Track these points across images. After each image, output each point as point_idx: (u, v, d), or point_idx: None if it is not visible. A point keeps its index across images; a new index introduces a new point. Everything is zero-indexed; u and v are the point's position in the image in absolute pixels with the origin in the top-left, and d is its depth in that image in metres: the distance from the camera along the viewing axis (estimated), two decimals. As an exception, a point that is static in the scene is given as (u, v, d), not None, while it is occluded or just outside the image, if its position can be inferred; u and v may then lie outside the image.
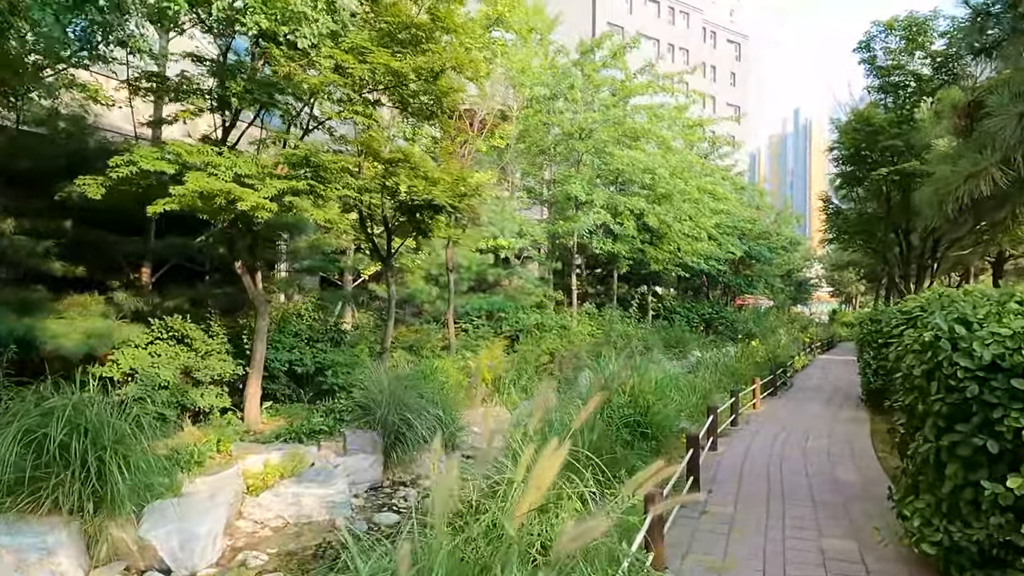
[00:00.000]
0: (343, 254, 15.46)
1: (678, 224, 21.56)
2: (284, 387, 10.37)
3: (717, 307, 28.61)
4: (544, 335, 17.01)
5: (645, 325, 23.49)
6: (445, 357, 13.66)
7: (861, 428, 10.55)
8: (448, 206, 10.03)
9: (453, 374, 12.15)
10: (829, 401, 13.88)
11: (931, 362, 3.97)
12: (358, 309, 16.13)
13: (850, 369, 21.17)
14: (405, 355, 13.55)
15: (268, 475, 7.90)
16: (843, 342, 36.55)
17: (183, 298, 10.82)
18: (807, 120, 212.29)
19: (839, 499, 6.57)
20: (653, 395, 8.49)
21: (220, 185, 7.48)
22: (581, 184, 19.03)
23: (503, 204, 19.42)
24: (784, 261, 37.33)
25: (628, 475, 6.48)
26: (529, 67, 20.77)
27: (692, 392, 10.64)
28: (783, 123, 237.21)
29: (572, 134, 20.64)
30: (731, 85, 75.10)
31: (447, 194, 10.01)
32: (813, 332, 30.42)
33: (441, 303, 16.70)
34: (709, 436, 8.55)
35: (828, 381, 17.81)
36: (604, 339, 19.47)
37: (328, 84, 8.20)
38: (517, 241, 18.82)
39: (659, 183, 21.23)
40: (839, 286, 58.47)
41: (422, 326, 14.75)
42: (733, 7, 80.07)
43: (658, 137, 22.38)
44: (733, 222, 28.34)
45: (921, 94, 11.36)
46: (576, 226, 18.64)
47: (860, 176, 12.58)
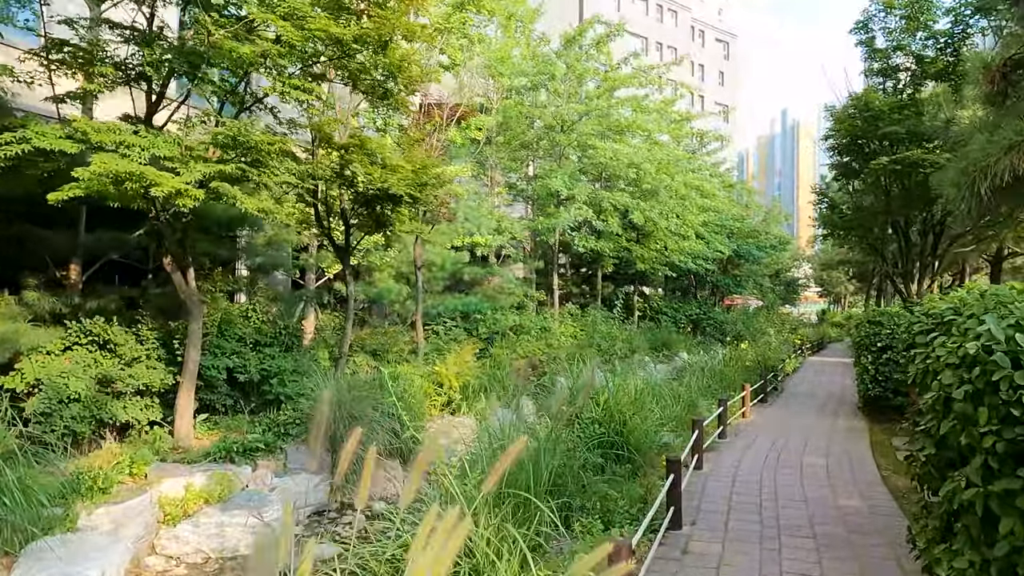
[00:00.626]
0: (305, 251, 14.42)
1: (664, 221, 20.67)
2: (224, 397, 9.33)
3: (705, 307, 27.77)
4: (522, 338, 16.06)
5: (631, 326, 22.59)
6: (412, 362, 12.68)
7: (860, 441, 9.66)
8: (406, 196, 9.04)
9: (418, 381, 11.15)
10: (823, 408, 13.02)
11: (980, 382, 3.05)
12: (323, 310, 15.08)
13: (842, 372, 20.37)
14: (368, 360, 12.55)
15: (189, 502, 6.88)
16: (833, 343, 35.88)
17: (114, 298, 9.77)
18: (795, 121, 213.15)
19: (843, 532, 5.64)
20: (631, 407, 7.54)
21: (130, 167, 6.45)
22: (563, 179, 18.08)
23: (480, 199, 18.44)
24: (773, 260, 36.57)
25: (598, 508, 5.57)
26: (509, 56, 19.83)
27: (676, 402, 9.72)
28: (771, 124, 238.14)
29: (554, 127, 19.69)
30: (719, 84, 74.74)
31: (405, 183, 9.01)
32: (803, 333, 29.66)
33: (412, 304, 15.69)
34: (694, 453, 7.61)
35: (821, 385, 16.99)
36: (587, 341, 18.56)
37: (262, 55, 7.19)
38: (494, 238, 17.83)
39: (644, 178, 20.33)
40: (828, 286, 57.94)
41: (389, 328, 13.73)
42: (722, 6, 79.70)
43: (643, 130, 21.47)
44: (721, 220, 27.52)
45: (924, 77, 10.53)
46: (556, 222, 17.68)
47: (857, 167, 11.70)
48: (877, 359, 10.95)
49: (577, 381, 8.25)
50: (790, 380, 18.12)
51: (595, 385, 8.24)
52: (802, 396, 14.95)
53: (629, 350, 18.94)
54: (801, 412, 12.56)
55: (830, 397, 14.70)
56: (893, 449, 8.97)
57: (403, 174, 9.23)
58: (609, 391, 7.53)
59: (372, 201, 10.08)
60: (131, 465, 6.88)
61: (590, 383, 7.70)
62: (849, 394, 15.36)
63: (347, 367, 12.09)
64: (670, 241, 22.92)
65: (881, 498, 6.69)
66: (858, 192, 12.72)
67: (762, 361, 16.04)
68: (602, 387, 7.71)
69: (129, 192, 6.79)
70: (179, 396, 8.37)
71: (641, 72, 21.84)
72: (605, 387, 7.76)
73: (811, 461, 8.24)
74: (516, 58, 20.50)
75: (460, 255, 16.73)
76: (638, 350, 19.32)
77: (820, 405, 13.51)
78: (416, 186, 9.20)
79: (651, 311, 26.69)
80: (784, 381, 17.16)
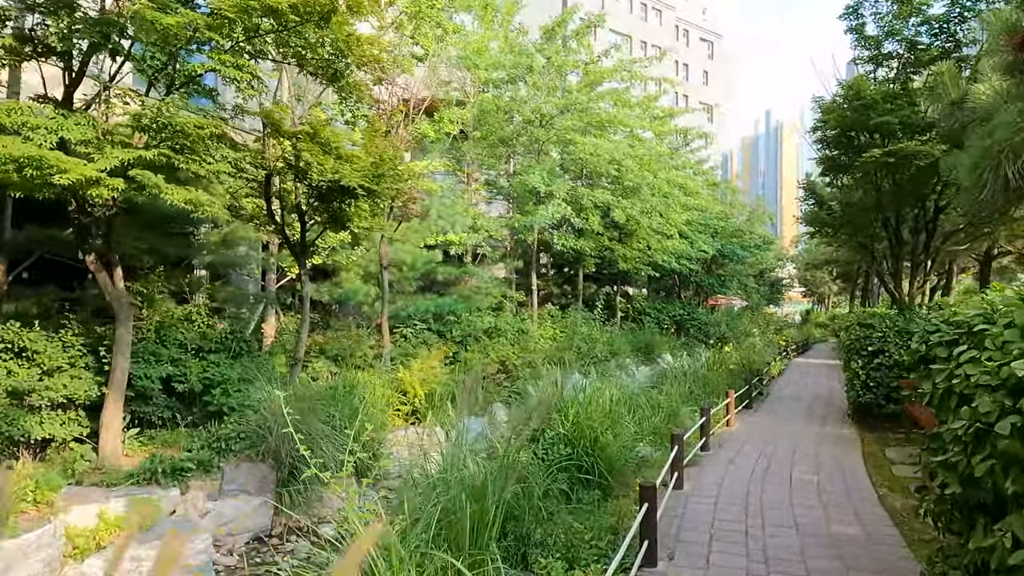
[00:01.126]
0: (265, 248, 13.58)
1: (646, 219, 20.00)
2: (161, 409, 8.49)
3: (689, 308, 27.17)
4: (496, 340, 15.32)
5: (612, 327, 21.90)
6: (378, 367, 11.90)
7: (852, 452, 9.01)
8: (359, 189, 8.25)
9: (380, 389, 10.39)
10: (811, 414, 12.39)
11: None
12: (287, 312, 14.25)
13: (827, 374, 19.83)
14: (329, 366, 11.74)
15: (103, 532, 6.06)
16: (817, 343, 35.48)
17: (42, 300, 8.91)
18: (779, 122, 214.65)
19: (839, 568, 4.95)
20: (604, 421, 6.81)
21: (29, 151, 5.63)
22: (541, 175, 17.35)
23: (455, 196, 17.67)
24: (757, 260, 36.10)
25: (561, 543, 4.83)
26: (486, 49, 19.08)
27: (655, 412, 9.01)
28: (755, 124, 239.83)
29: (532, 121, 18.97)
30: (704, 84, 74.72)
31: (359, 175, 8.24)
32: (788, 334, 29.16)
33: (381, 305, 14.90)
34: (674, 471, 6.91)
35: (807, 389, 16.39)
36: (567, 344, 17.86)
37: (190, 27, 6.38)
38: (469, 236, 17.07)
39: (626, 175, 19.67)
40: (811, 286, 57.70)
41: (353, 331, 12.93)
42: (706, 5, 79.66)
43: (625, 126, 20.80)
44: (705, 219, 26.96)
45: (917, 65, 9.93)
46: (533, 220, 16.95)
47: (846, 161, 11.08)
48: (868, 364, 10.33)
49: (545, 391, 7.51)
50: (776, 383, 17.53)
51: (564, 397, 7.52)
52: (788, 400, 14.34)
53: (610, 352, 18.26)
54: (788, 418, 11.93)
55: (817, 401, 14.10)
56: (888, 463, 8.33)
57: (358, 165, 8.46)
58: (580, 404, 6.79)
59: (328, 195, 9.30)
60: (35, 491, 6.05)
61: (550, 399, 6.95)
62: (837, 398, 14.78)
63: (306, 374, 11.31)
64: (653, 240, 22.29)
65: (880, 523, 6.01)
66: (847, 188, 12.11)
67: (747, 364, 15.41)
68: (571, 399, 6.98)
69: (34, 180, 5.95)
70: (105, 409, 7.54)
71: (623, 67, 21.16)
72: (575, 398, 7.02)
73: (801, 476, 7.56)
74: (494, 51, 19.78)
75: (433, 254, 15.97)
76: (619, 352, 18.65)
77: (807, 410, 12.89)
78: (372, 178, 8.43)
79: (634, 312, 26.06)
80: (770, 384, 16.56)
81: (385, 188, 8.90)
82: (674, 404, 9.79)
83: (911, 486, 7.14)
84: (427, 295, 16.76)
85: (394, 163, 8.94)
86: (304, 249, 10.05)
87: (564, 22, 18.83)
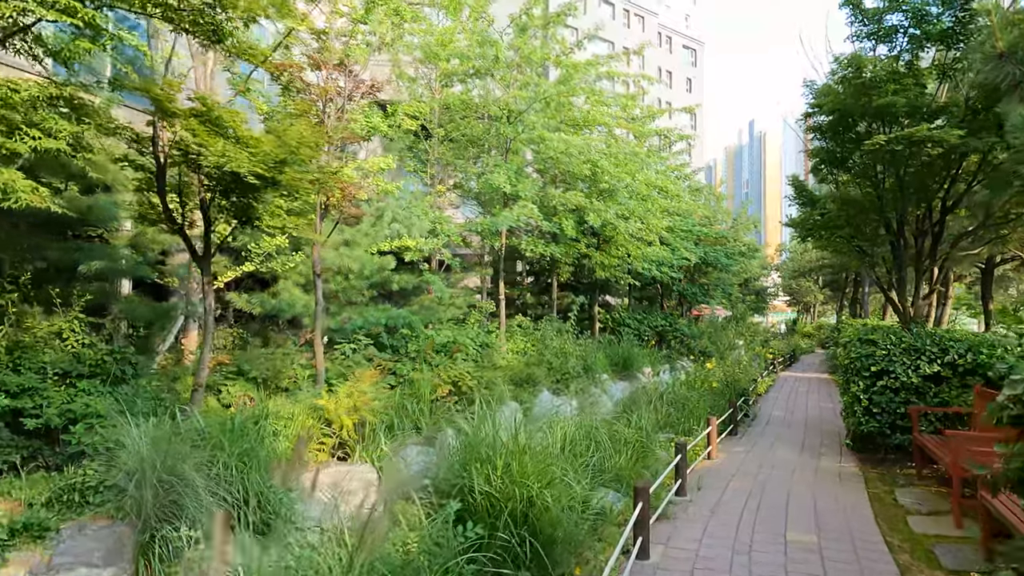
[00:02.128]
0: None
1: (623, 224, 18.56)
2: (5, 450, 6.82)
3: (671, 318, 25.76)
4: (454, 357, 13.74)
5: (588, 340, 20.38)
6: (308, 390, 10.28)
7: (856, 495, 7.53)
8: (252, 177, 6.70)
9: (300, 418, 8.78)
10: (804, 441, 10.93)
11: None
12: (218, 325, 12.58)
13: (819, 391, 18.45)
14: (249, 391, 10.11)
15: None
16: (804, 354, 34.22)
17: None
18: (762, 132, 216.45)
19: None
20: (546, 472, 5.25)
21: None
22: (507, 175, 15.85)
23: (412, 197, 16.15)
24: (742, 269, 34.86)
25: None
26: (452, 41, 17.60)
27: (621, 449, 7.45)
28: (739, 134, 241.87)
29: (500, 118, 17.48)
30: (687, 91, 74.35)
31: (253, 160, 6.68)
32: (776, 346, 27.81)
33: (325, 318, 13.28)
34: (637, 534, 5.37)
35: (798, 409, 14.95)
36: (536, 359, 16.33)
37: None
38: (428, 241, 15.53)
39: (602, 177, 18.24)
40: (797, 295, 56.68)
41: (278, 350, 11.30)
42: (689, 12, 79.58)
43: (601, 123, 19.39)
44: (687, 225, 25.65)
45: (925, 39, 8.57)
46: (496, 222, 15.43)
47: (842, 154, 9.67)
48: (871, 387, 8.88)
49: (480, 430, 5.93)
50: (763, 402, 16.11)
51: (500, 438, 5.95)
52: (778, 424, 12.88)
53: (583, 368, 16.74)
54: (778, 446, 10.46)
55: (810, 425, 12.66)
56: (903, 512, 6.84)
57: (257, 149, 6.90)
58: (513, 451, 5.21)
59: (229, 188, 7.73)
60: None
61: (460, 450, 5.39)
62: (829, 419, 13.37)
63: (218, 400, 9.68)
64: (631, 246, 20.89)
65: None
66: (844, 185, 10.73)
67: (732, 383, 13.97)
68: (506, 444, 5.40)
69: None
70: (-86, 456, 5.88)
71: (599, 62, 19.78)
72: (513, 441, 5.45)
73: (799, 538, 6.04)
74: (460, 43, 18.31)
75: (385, 260, 14.38)
76: (594, 367, 17.14)
77: (799, 436, 11.44)
78: (271, 165, 6.87)
79: (612, 322, 24.60)
80: (756, 403, 15.12)
81: (293, 179, 7.33)
82: (646, 435, 8.25)
83: (936, 550, 5.66)
84: (379, 305, 15.17)
85: (302, 150, 7.37)
86: (208, 253, 8.44)
87: (531, 7, 17.38)
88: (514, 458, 5.02)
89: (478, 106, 18.46)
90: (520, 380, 14.34)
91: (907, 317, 9.94)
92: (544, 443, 5.90)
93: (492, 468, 4.95)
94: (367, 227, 14.54)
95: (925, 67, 9.00)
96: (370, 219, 15.22)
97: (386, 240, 15.17)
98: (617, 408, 11.62)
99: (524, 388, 14.13)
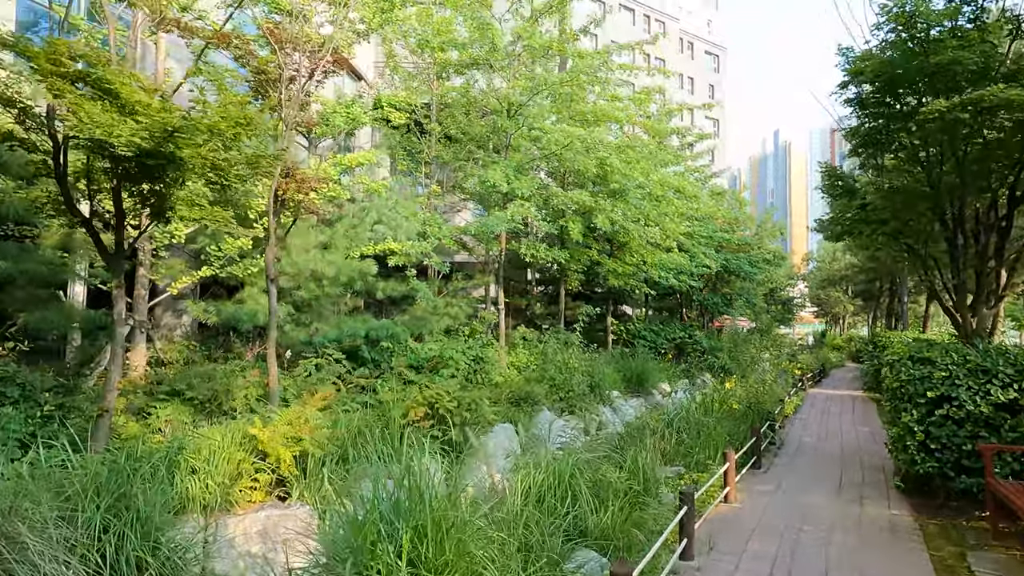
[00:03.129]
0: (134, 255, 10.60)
1: (633, 225, 16.96)
2: None
3: (689, 330, 23.98)
4: (438, 373, 12.25)
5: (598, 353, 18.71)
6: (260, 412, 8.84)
7: (916, 562, 5.82)
8: (135, 151, 5.29)
9: (230, 449, 7.31)
10: (841, 479, 9.18)
11: None
12: (156, 338, 11.27)
13: (853, 411, 16.56)
14: (187, 414, 8.68)
15: None
16: (834, 368, 32.08)
17: None
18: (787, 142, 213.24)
19: None
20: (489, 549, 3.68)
21: None
22: (505, 171, 14.37)
23: (397, 197, 14.75)
24: (767, 278, 32.89)
25: None
26: (449, 30, 16.22)
27: (608, 500, 5.81)
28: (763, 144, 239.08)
29: (499, 111, 16.04)
30: (709, 97, 72.71)
31: (138, 129, 5.27)
32: (804, 361, 25.81)
33: (293, 329, 11.88)
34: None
35: (831, 435, 13.11)
36: (538, 375, 14.78)
37: None
38: (416, 244, 14.08)
39: (611, 175, 16.69)
40: (825, 306, 54.20)
41: (224, 366, 9.88)
42: (711, 17, 78.23)
43: (613, 119, 17.84)
44: (708, 231, 23.92)
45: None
46: (489, 223, 13.93)
47: (886, 135, 8.01)
48: (927, 416, 7.17)
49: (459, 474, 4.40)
50: (791, 424, 14.31)
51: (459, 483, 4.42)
52: (808, 455, 11.10)
53: (590, 385, 15.14)
54: (810, 487, 8.74)
55: (847, 456, 10.88)
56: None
57: (146, 115, 5.49)
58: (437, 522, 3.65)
59: (133, 172, 6.35)
60: None
61: None
62: (869, 446, 11.58)
63: (140, 426, 8.26)
64: (647, 253, 19.27)
65: None
66: (889, 171, 9.03)
67: (754, 404, 12.24)
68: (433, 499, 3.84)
69: None
70: None
71: (608, 52, 18.27)
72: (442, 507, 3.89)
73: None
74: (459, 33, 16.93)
75: (366, 264, 12.94)
76: (602, 384, 15.52)
77: (835, 471, 9.70)
78: (162, 136, 5.45)
79: (627, 334, 22.90)
80: (784, 428, 13.35)
81: (199, 157, 5.91)
82: (643, 480, 6.62)
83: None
84: (361, 316, 13.73)
85: (222, 124, 5.94)
86: (120, 250, 7.05)
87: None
88: (434, 539, 3.45)
89: (477, 100, 17.08)
90: (518, 399, 12.81)
91: (968, 330, 8.21)
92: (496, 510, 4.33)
93: (392, 556, 3.39)
94: (345, 228, 13.14)
95: (992, 22, 7.34)
96: (353, 220, 13.84)
97: (369, 243, 13.77)
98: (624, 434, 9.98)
99: (522, 408, 12.60)
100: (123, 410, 8.43)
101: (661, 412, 11.34)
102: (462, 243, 18.24)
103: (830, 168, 9.79)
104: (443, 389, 10.14)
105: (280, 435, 7.43)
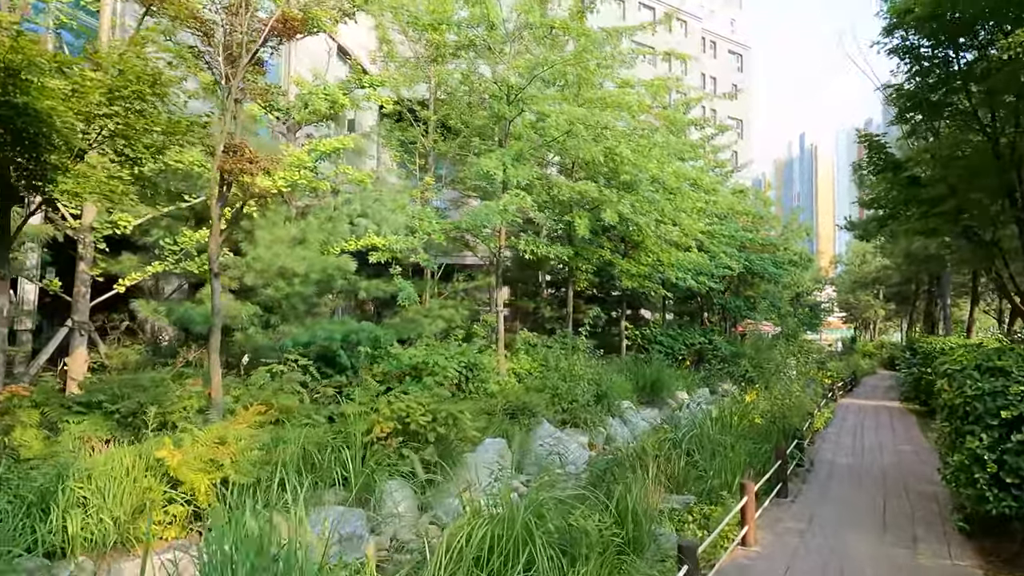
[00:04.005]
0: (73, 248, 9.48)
1: (644, 219, 15.50)
2: None
3: (709, 335, 22.38)
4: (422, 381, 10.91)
5: (607, 359, 17.25)
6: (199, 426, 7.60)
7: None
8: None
9: (137, 475, 6.04)
10: (885, 515, 7.63)
11: None
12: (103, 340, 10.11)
13: (889, 423, 14.89)
14: (101, 428, 7.43)
15: None
16: (866, 376, 30.15)
17: None
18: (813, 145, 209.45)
19: None
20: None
21: None
22: (499, 159, 13.02)
23: (382, 189, 13.49)
24: (793, 280, 31.09)
25: None
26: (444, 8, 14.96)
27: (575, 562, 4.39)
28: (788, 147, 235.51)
29: (498, 97, 14.70)
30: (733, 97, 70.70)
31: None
32: (834, 368, 24.00)
33: (258, 332, 10.66)
34: None
35: (868, 453, 11.50)
36: (539, 383, 13.39)
37: None
38: (402, 240, 12.81)
39: (621, 165, 15.24)
40: (854, 310, 51.86)
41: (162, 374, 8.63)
42: (734, 16, 76.73)
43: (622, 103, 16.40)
44: (730, 230, 22.31)
45: None
46: (478, 215, 12.57)
47: (942, 96, 6.50)
48: (1002, 442, 5.65)
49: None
50: (821, 440, 12.72)
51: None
52: (843, 479, 9.53)
53: (597, 394, 13.69)
54: (847, 523, 7.22)
55: (889, 481, 9.31)
56: None
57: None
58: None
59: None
60: None
61: None
62: (915, 468, 10.01)
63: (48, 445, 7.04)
64: (663, 252, 17.77)
65: None
66: (943, 138, 7.49)
67: (779, 418, 10.71)
68: None
69: None
70: None
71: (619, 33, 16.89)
72: None
73: None
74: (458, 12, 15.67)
75: (342, 261, 11.69)
76: (610, 393, 14.07)
77: (878, 502, 8.15)
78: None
79: (642, 339, 21.35)
80: (814, 446, 11.78)
81: (66, 112, 4.65)
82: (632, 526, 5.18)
83: None
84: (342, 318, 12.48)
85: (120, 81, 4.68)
86: (4, 237, 5.84)
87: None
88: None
89: (477, 87, 15.81)
90: (515, 410, 11.45)
91: (1044, 334, 6.66)
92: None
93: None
94: (320, 221, 11.90)
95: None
96: (332, 212, 12.62)
97: (352, 238, 12.54)
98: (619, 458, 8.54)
99: (519, 420, 11.23)
100: (35, 425, 7.23)
101: (667, 431, 9.86)
102: (464, 242, 16.98)
103: (870, 138, 8.28)
104: (416, 401, 8.80)
105: (195, 458, 6.14)
